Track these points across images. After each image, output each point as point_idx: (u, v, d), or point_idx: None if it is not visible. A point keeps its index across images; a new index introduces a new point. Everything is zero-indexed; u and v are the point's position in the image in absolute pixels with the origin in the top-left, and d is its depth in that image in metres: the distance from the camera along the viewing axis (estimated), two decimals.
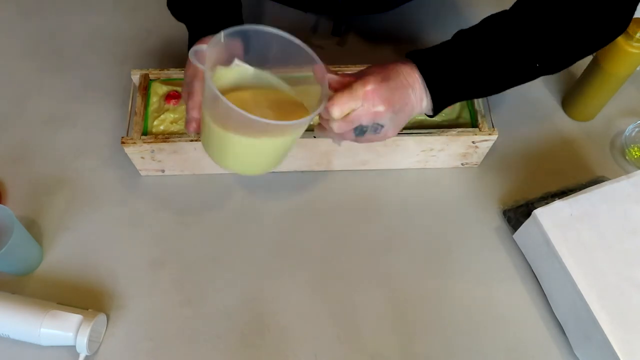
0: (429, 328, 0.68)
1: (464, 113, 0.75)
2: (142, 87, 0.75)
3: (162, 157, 0.73)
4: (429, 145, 0.73)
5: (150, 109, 0.74)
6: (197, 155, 0.73)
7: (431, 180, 0.78)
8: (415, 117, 0.72)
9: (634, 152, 0.79)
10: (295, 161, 0.76)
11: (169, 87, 0.75)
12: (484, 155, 0.77)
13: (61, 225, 0.74)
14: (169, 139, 0.70)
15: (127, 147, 0.70)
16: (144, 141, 0.70)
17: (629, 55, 0.71)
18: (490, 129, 0.72)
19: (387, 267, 0.72)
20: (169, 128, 0.73)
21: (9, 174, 0.78)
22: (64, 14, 0.95)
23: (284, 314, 0.69)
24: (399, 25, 0.94)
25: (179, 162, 0.75)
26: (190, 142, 0.70)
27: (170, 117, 0.73)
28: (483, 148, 0.75)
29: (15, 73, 0.88)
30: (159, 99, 0.75)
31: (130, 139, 0.70)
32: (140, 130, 0.71)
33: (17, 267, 0.69)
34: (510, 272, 0.72)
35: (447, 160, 0.77)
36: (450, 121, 0.75)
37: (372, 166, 0.78)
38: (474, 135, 0.72)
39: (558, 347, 0.67)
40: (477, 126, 0.73)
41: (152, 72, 0.76)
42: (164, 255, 0.72)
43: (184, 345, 0.67)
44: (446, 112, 0.74)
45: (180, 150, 0.72)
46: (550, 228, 0.64)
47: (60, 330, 0.62)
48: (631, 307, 0.60)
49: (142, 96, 0.74)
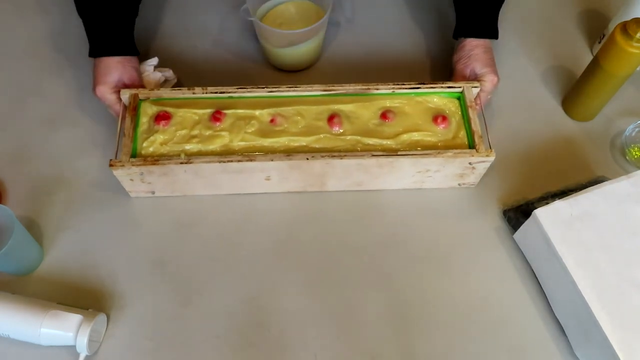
0: (429, 328, 0.68)
1: (461, 133, 0.73)
2: (132, 108, 0.72)
3: (152, 179, 0.72)
4: (425, 167, 0.72)
5: (140, 130, 0.72)
6: (187, 178, 0.71)
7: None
8: (410, 138, 0.72)
9: (634, 152, 0.79)
10: (287, 183, 0.74)
11: (159, 107, 0.73)
12: (482, 175, 0.75)
13: (61, 225, 0.74)
14: (158, 162, 0.69)
15: (115, 169, 0.68)
16: (133, 164, 0.68)
17: (629, 55, 0.71)
18: (488, 150, 0.70)
19: (387, 267, 0.72)
20: (159, 150, 0.71)
21: (9, 174, 0.78)
22: (64, 14, 0.95)
23: (284, 314, 0.69)
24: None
25: (169, 184, 0.73)
26: (180, 164, 0.68)
27: (160, 138, 0.71)
28: (480, 169, 0.73)
29: (15, 73, 0.88)
30: (148, 119, 0.73)
31: (119, 162, 0.68)
32: (129, 152, 0.69)
33: (17, 267, 0.69)
34: (510, 272, 0.72)
35: (444, 181, 0.76)
36: (447, 141, 0.72)
37: (368, 187, 0.76)
38: (470, 157, 0.70)
39: (558, 347, 0.67)
40: (474, 147, 0.71)
41: (142, 92, 0.74)
42: (164, 255, 0.72)
43: (184, 345, 0.67)
44: (442, 133, 0.73)
45: (170, 173, 0.70)
46: (550, 228, 0.64)
47: (60, 330, 0.62)
48: (631, 307, 0.60)
49: (132, 117, 0.72)
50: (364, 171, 0.72)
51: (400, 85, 0.74)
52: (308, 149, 0.71)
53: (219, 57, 0.90)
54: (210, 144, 0.71)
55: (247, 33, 0.93)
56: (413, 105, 0.75)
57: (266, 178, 0.73)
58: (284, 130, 0.72)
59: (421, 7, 0.97)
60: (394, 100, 0.75)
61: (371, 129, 0.73)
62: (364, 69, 0.89)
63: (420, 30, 0.94)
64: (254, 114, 0.73)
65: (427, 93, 0.75)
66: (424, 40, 0.93)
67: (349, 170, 0.72)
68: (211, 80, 0.87)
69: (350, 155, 0.70)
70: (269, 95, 0.75)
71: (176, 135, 0.72)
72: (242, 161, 0.69)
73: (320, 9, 0.86)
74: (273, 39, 0.83)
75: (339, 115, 0.73)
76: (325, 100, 0.75)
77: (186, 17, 0.95)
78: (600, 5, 0.97)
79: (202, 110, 0.73)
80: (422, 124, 0.73)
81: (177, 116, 0.73)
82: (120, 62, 0.75)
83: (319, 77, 0.88)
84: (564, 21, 0.96)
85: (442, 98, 0.75)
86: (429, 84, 0.75)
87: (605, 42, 0.73)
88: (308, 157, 0.69)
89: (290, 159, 0.69)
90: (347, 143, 0.72)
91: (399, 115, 0.74)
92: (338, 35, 0.93)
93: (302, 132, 0.72)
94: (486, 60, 0.77)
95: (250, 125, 0.72)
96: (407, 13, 0.96)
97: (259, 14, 0.86)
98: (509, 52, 0.91)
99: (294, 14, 0.87)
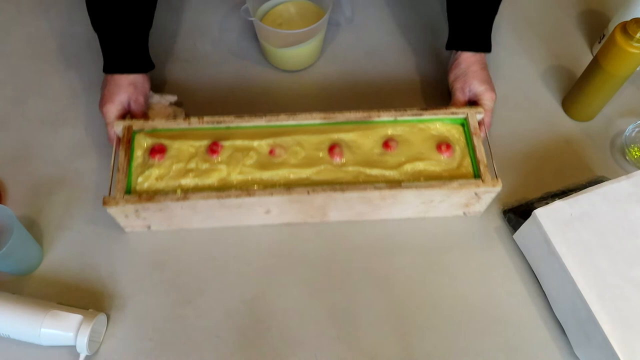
0: (428, 328, 0.68)
1: (465, 161, 0.71)
2: (126, 141, 0.70)
3: (147, 215, 0.69)
4: (429, 197, 0.70)
5: (134, 164, 0.69)
6: (184, 213, 0.69)
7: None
8: (415, 167, 0.70)
9: (634, 152, 0.79)
10: (287, 215, 0.72)
11: (153, 139, 0.71)
12: (487, 204, 0.73)
13: (61, 225, 0.74)
14: (153, 198, 0.66)
15: (109, 207, 0.66)
16: (127, 201, 0.66)
17: (629, 55, 0.71)
18: (494, 180, 0.68)
19: (387, 267, 0.72)
20: (154, 185, 0.68)
21: (9, 174, 0.78)
22: (64, 13, 0.95)
23: (284, 314, 0.69)
24: None
25: (166, 219, 0.71)
26: (177, 201, 0.66)
27: (155, 172, 0.69)
28: (487, 199, 0.71)
29: (15, 73, 0.88)
30: (143, 152, 0.70)
31: (113, 199, 0.66)
32: (123, 188, 0.67)
33: (17, 267, 0.69)
34: (510, 272, 0.72)
35: (449, 209, 0.74)
36: (451, 170, 0.70)
37: (369, 217, 0.74)
38: (476, 188, 0.68)
39: (558, 347, 0.67)
40: (479, 176, 0.69)
41: (136, 123, 0.71)
42: (164, 255, 0.72)
43: (184, 345, 0.67)
44: (446, 162, 0.71)
45: (166, 209, 0.68)
46: (550, 228, 0.64)
47: (60, 330, 0.62)
48: (631, 307, 0.60)
49: (126, 150, 0.69)
50: (367, 203, 0.70)
51: (403, 112, 0.72)
52: (309, 182, 0.69)
53: (219, 57, 0.90)
54: (208, 178, 0.69)
55: (247, 33, 0.93)
56: (416, 132, 0.72)
57: (266, 211, 0.71)
58: (284, 162, 0.70)
59: (418, 7, 0.97)
60: (396, 127, 0.72)
61: (373, 159, 0.71)
62: (364, 70, 0.89)
63: (420, 30, 0.94)
64: (252, 145, 0.71)
65: (430, 120, 0.73)
66: (423, 39, 0.93)
67: (351, 203, 0.70)
68: (211, 80, 0.87)
69: (352, 188, 0.67)
70: (267, 125, 0.72)
71: (172, 170, 0.69)
72: (241, 196, 0.66)
73: (321, 9, 0.86)
74: (273, 39, 0.83)
75: (340, 145, 0.71)
76: (325, 129, 0.72)
77: (186, 17, 0.95)
78: (600, 5, 0.97)
79: (198, 142, 0.71)
80: (426, 152, 0.71)
81: (172, 149, 0.70)
82: (133, 84, 0.74)
83: (319, 77, 0.88)
84: (564, 21, 0.96)
85: (446, 124, 0.73)
86: (432, 110, 0.73)
87: (605, 42, 0.73)
88: (309, 190, 0.67)
89: (291, 193, 0.67)
90: (349, 174, 0.69)
91: (401, 143, 0.72)
92: (338, 35, 0.93)
93: (302, 164, 0.70)
94: (483, 78, 0.76)
95: (249, 157, 0.70)
96: (407, 12, 0.96)
97: (259, 14, 0.87)
98: (509, 52, 0.91)
99: (294, 14, 0.87)
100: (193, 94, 0.85)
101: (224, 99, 0.86)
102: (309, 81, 0.88)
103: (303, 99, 0.86)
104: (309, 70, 0.89)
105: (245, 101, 0.85)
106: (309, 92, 0.87)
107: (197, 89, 0.86)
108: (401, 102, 0.84)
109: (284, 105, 0.85)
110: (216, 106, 0.84)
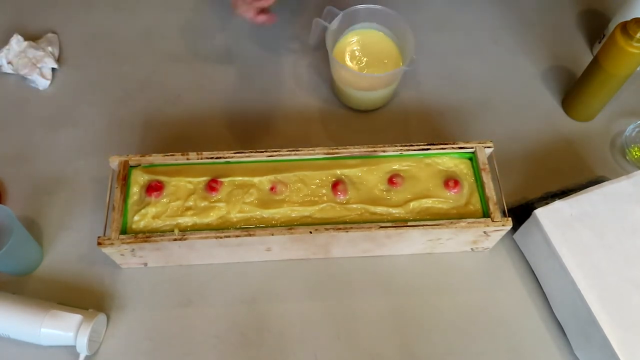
0: (428, 328, 0.68)
1: (473, 198, 0.68)
2: (121, 177, 0.67)
3: (144, 254, 0.68)
4: (436, 236, 0.67)
5: (130, 202, 0.67)
6: (181, 252, 0.67)
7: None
8: (421, 205, 0.67)
9: (634, 152, 0.79)
10: (289, 253, 0.70)
11: (150, 175, 0.68)
12: (496, 241, 0.71)
13: (61, 225, 0.74)
14: (150, 238, 0.64)
15: (104, 248, 0.64)
16: (123, 241, 0.63)
17: (629, 55, 0.71)
18: (504, 219, 0.66)
19: (386, 267, 0.72)
20: (150, 224, 0.66)
21: (9, 174, 0.78)
22: (64, 13, 0.95)
23: (284, 314, 0.69)
24: None
25: (163, 257, 0.70)
26: (174, 241, 0.64)
27: (151, 211, 0.66)
28: (496, 236, 0.69)
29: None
30: (139, 189, 0.68)
31: (108, 239, 0.64)
32: (118, 228, 0.64)
33: (17, 267, 0.69)
34: (510, 272, 0.72)
35: (456, 247, 0.72)
36: (459, 208, 0.67)
37: (374, 253, 0.72)
38: (485, 227, 0.65)
39: (558, 347, 0.67)
40: (488, 215, 0.66)
41: (132, 158, 0.69)
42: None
43: (184, 346, 0.67)
44: (454, 198, 0.68)
45: (163, 248, 0.66)
46: (550, 228, 0.64)
47: (60, 330, 0.62)
48: (631, 307, 0.60)
49: (121, 187, 0.67)
50: (371, 240, 0.68)
51: (409, 147, 0.70)
52: (311, 220, 0.67)
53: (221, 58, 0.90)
54: (206, 217, 0.66)
55: (248, 32, 0.93)
56: (422, 168, 0.70)
57: (267, 249, 0.69)
58: (285, 200, 0.67)
59: None
60: (402, 162, 0.70)
61: (378, 197, 0.68)
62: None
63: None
64: (253, 182, 0.68)
65: (437, 154, 0.70)
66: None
67: (354, 241, 0.68)
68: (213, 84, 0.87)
69: (356, 228, 0.65)
70: (268, 160, 0.70)
71: (169, 208, 0.67)
72: (241, 236, 0.64)
73: (395, 47, 0.82)
74: (352, 80, 0.79)
75: (344, 182, 0.68)
76: (328, 164, 0.70)
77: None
78: (600, 5, 0.97)
79: (196, 179, 0.68)
80: (433, 188, 0.68)
81: (170, 186, 0.68)
82: None
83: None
84: (564, 21, 0.96)
85: (453, 159, 0.70)
86: (439, 144, 0.70)
87: (605, 42, 0.73)
88: (311, 230, 0.64)
89: (292, 232, 0.64)
90: (353, 212, 0.67)
91: (407, 179, 0.69)
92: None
93: (304, 202, 0.67)
94: None
95: (249, 194, 0.67)
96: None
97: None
98: (509, 52, 0.91)
99: (368, 48, 0.83)
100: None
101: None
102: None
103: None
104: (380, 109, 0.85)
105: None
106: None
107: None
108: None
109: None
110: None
